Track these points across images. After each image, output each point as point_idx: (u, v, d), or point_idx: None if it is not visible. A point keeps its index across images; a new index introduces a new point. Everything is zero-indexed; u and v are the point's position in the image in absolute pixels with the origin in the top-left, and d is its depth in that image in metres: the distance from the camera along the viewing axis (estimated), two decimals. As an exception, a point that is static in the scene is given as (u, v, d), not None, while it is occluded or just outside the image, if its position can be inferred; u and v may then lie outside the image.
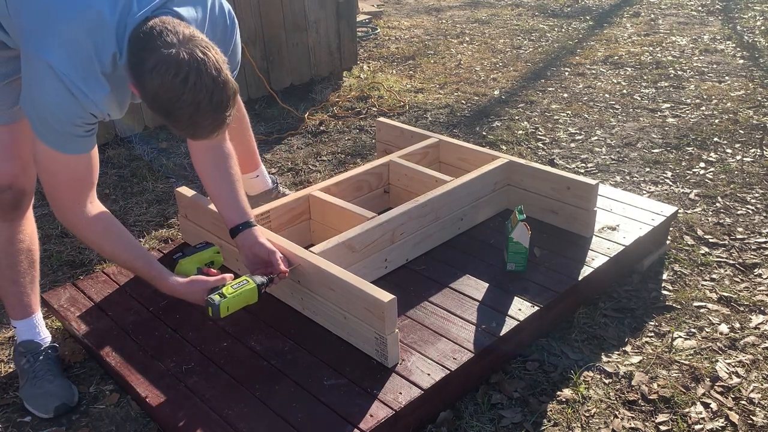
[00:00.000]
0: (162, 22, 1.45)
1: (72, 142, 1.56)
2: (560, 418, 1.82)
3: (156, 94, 1.43)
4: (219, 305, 1.67)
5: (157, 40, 1.42)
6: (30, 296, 1.93)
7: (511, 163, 2.50)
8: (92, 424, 1.83)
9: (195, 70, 1.40)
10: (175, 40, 1.41)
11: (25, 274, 1.89)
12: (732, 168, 3.29)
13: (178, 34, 1.43)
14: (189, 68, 1.40)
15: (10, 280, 1.88)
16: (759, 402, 1.87)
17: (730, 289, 2.36)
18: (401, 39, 6.09)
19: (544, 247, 2.32)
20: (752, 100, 4.21)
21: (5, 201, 1.77)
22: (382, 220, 2.13)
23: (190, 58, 1.40)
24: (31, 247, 1.88)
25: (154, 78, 1.41)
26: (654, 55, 5.23)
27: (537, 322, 2.03)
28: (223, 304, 1.68)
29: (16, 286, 1.89)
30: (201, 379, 1.80)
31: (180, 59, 1.39)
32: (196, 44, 1.43)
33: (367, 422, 1.61)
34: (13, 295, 1.90)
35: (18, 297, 1.90)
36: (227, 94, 1.46)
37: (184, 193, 2.35)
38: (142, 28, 1.45)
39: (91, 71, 1.48)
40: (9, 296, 1.90)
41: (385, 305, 1.69)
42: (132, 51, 1.46)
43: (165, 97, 1.42)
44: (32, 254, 1.89)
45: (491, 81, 4.81)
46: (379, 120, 3.01)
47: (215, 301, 1.67)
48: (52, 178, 1.62)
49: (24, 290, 1.90)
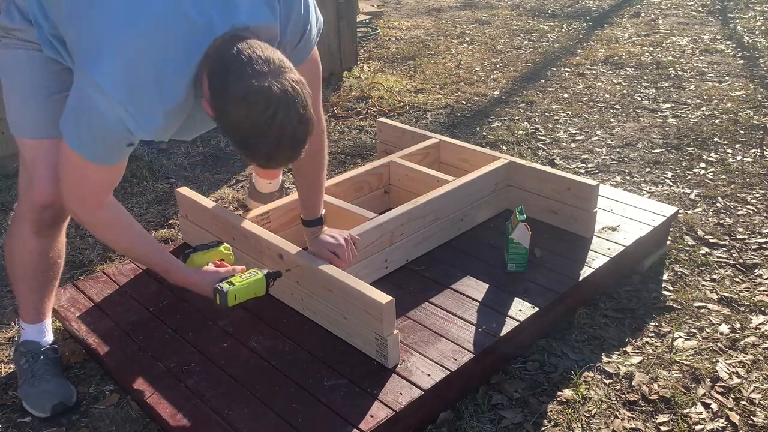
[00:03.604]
0: (250, 46, 1.37)
1: (106, 154, 1.50)
2: (561, 418, 1.82)
3: (239, 123, 1.36)
4: (227, 293, 1.68)
5: (246, 68, 1.33)
6: (46, 304, 1.94)
7: (512, 164, 2.50)
8: (92, 424, 1.83)
9: (284, 106, 1.34)
10: (266, 69, 1.34)
11: (47, 285, 1.90)
12: (732, 168, 3.29)
13: (269, 63, 1.35)
14: (278, 104, 1.33)
15: (31, 288, 1.88)
16: (759, 402, 1.86)
17: (731, 290, 2.36)
18: (401, 39, 6.09)
19: (545, 247, 2.32)
20: (752, 101, 4.21)
21: (45, 219, 1.75)
22: (382, 220, 2.13)
23: (280, 92, 1.33)
24: (58, 261, 1.88)
25: (241, 109, 1.34)
26: (654, 56, 5.23)
27: (537, 323, 2.03)
28: (231, 292, 1.69)
29: (34, 294, 1.89)
30: (201, 379, 1.80)
31: (270, 94, 1.33)
32: (287, 77, 1.35)
33: (367, 423, 1.61)
34: (30, 301, 1.90)
35: (34, 305, 1.91)
36: (308, 131, 1.40)
37: (185, 194, 2.35)
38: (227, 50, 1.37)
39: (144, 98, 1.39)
40: (25, 301, 1.91)
41: (384, 306, 1.69)
42: (215, 74, 1.38)
43: (248, 130, 1.36)
44: (57, 267, 1.89)
45: (491, 81, 4.81)
46: (380, 120, 3.01)
47: (223, 289, 1.68)
48: (78, 185, 1.56)
49: (41, 298, 1.91)
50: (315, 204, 1.96)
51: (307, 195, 1.97)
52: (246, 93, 1.33)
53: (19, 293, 1.90)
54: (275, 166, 1.50)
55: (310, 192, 1.96)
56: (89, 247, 2.68)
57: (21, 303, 1.92)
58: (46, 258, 1.84)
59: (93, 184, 1.58)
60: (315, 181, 1.96)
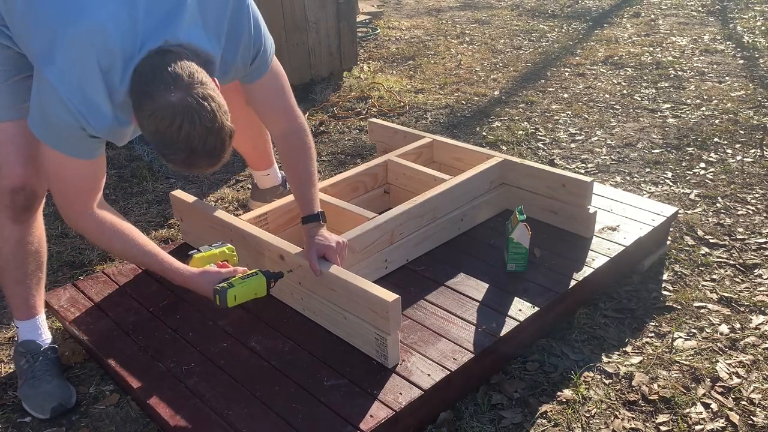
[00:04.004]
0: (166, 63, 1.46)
1: (77, 146, 1.58)
2: (560, 418, 1.82)
3: (153, 135, 1.47)
4: (226, 293, 1.69)
5: (157, 85, 1.44)
6: (35, 297, 1.94)
7: (506, 162, 2.50)
8: (92, 424, 1.83)
9: (189, 119, 1.43)
10: (173, 86, 1.44)
11: (32, 276, 1.90)
12: (732, 168, 3.29)
13: (179, 79, 1.44)
14: (183, 117, 1.43)
15: (17, 281, 1.88)
16: (759, 402, 1.86)
17: (731, 290, 2.36)
18: (401, 39, 6.10)
19: (544, 247, 2.32)
20: (752, 101, 4.21)
21: (18, 202, 1.78)
22: (381, 220, 2.13)
23: (184, 107, 1.43)
24: (40, 249, 1.89)
25: (151, 123, 1.45)
26: (654, 56, 5.23)
27: (537, 323, 2.03)
28: (230, 293, 1.69)
29: (22, 286, 1.89)
30: (201, 379, 1.80)
31: (175, 109, 1.43)
32: (194, 92, 1.45)
33: (367, 423, 1.61)
34: (19, 295, 1.91)
35: (24, 298, 1.91)
36: (221, 138, 1.49)
37: (179, 197, 2.35)
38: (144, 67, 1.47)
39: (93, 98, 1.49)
40: (15, 296, 1.91)
41: (390, 305, 1.69)
42: (135, 87, 1.48)
43: (161, 141, 1.47)
44: (40, 256, 1.90)
45: (491, 81, 4.81)
46: (372, 121, 3.01)
47: (223, 290, 1.69)
48: (61, 184, 1.65)
49: (30, 291, 1.91)
50: (309, 199, 1.97)
51: (299, 191, 1.99)
52: (154, 108, 1.44)
53: (6, 287, 1.90)
54: (198, 171, 1.63)
55: (302, 187, 1.98)
56: (89, 247, 2.69)
57: (10, 298, 1.92)
58: (25, 245, 1.84)
59: (75, 182, 1.64)
60: (304, 176, 1.98)
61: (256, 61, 1.80)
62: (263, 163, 2.62)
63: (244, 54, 1.75)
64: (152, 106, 1.44)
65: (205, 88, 1.47)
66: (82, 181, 1.65)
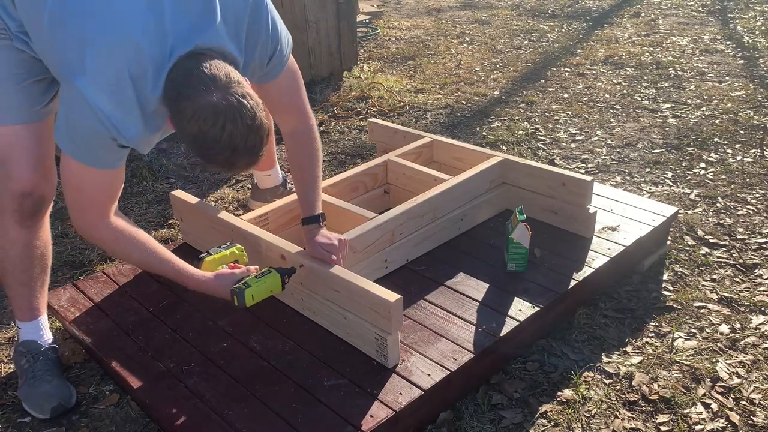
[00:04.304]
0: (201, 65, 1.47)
1: (104, 157, 1.59)
2: (561, 418, 1.81)
3: (195, 138, 1.48)
4: (244, 293, 1.72)
5: (195, 87, 1.45)
6: (38, 299, 1.94)
7: (506, 161, 2.50)
8: (92, 424, 1.83)
9: (231, 118, 1.45)
10: (213, 87, 1.45)
11: (36, 279, 1.90)
12: (732, 168, 3.29)
13: (216, 80, 1.46)
14: (226, 117, 1.45)
15: (22, 283, 1.89)
16: (759, 402, 1.86)
17: (731, 290, 2.35)
18: (401, 39, 6.10)
19: (544, 247, 2.32)
20: (752, 101, 4.21)
21: (26, 207, 1.77)
22: (381, 220, 2.13)
23: (226, 107, 1.45)
24: (45, 253, 1.89)
25: (192, 125, 1.46)
26: (654, 56, 5.23)
27: (537, 323, 2.03)
28: (248, 293, 1.73)
29: (26, 289, 1.90)
30: (201, 379, 1.79)
31: (217, 109, 1.44)
32: (232, 92, 1.46)
33: (367, 423, 1.61)
34: (23, 297, 1.91)
35: (27, 299, 1.91)
36: (260, 136, 1.52)
37: (179, 197, 2.35)
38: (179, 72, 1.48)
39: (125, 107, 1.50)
40: (18, 298, 1.91)
41: (392, 305, 1.69)
42: (170, 92, 1.49)
43: (203, 143, 1.48)
44: (45, 260, 1.91)
45: (491, 81, 4.81)
46: (371, 121, 3.01)
47: (240, 290, 1.72)
48: (79, 194, 1.64)
49: (34, 294, 1.92)
50: (312, 201, 1.98)
51: (303, 191, 2.00)
52: (195, 110, 1.45)
53: (10, 289, 1.90)
54: (238, 171, 1.63)
55: (307, 188, 1.99)
56: (89, 247, 2.69)
57: (14, 299, 1.92)
58: (31, 249, 1.85)
59: (93, 192, 1.64)
60: (309, 177, 1.99)
61: (273, 60, 1.80)
62: (266, 164, 2.63)
63: (262, 53, 1.74)
64: (193, 108, 1.44)
65: (243, 87, 1.49)
66: (101, 192, 1.65)
